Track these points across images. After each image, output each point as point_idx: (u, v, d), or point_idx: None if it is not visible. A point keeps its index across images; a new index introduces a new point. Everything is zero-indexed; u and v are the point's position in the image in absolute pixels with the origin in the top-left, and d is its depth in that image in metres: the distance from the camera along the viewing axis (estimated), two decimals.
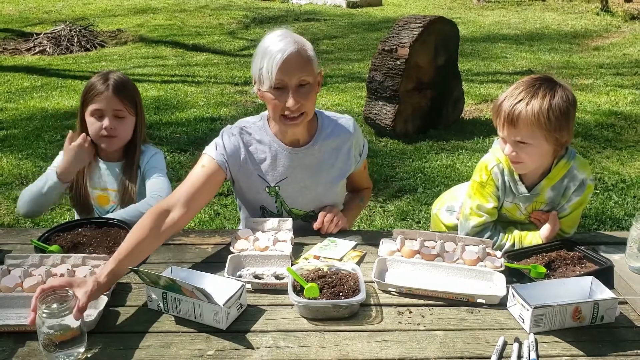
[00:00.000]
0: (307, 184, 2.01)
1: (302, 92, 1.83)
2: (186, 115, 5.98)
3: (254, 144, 1.98)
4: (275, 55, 1.77)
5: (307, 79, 1.82)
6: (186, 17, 11.95)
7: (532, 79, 1.80)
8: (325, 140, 2.01)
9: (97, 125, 2.12)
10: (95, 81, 2.14)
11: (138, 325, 1.47)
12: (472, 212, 1.90)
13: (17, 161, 4.75)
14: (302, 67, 1.81)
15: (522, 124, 1.74)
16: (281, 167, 1.98)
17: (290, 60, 1.78)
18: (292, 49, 1.78)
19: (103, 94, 2.10)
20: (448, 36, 5.44)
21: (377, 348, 1.39)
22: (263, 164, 1.98)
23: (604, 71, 7.77)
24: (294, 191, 2.00)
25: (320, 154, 2.01)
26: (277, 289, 1.62)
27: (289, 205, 2.03)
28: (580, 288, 1.54)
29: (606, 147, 5.10)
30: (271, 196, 2.01)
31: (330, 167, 2.03)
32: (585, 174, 1.86)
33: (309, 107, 1.87)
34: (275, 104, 1.83)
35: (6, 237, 1.95)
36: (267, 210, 2.05)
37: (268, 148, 1.98)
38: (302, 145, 1.99)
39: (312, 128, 2.01)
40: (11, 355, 1.36)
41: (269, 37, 1.85)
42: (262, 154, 1.98)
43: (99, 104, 2.11)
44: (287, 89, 1.81)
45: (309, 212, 2.06)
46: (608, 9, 12.26)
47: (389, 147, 5.14)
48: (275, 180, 1.98)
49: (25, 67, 8.25)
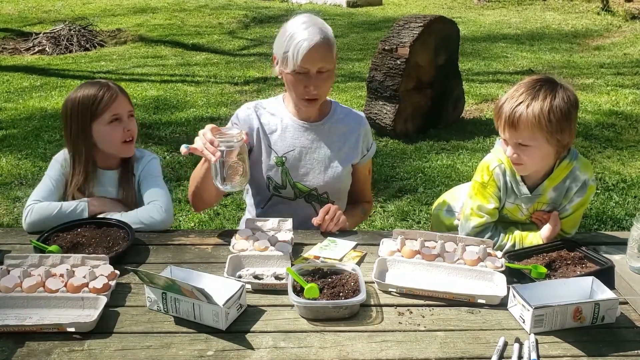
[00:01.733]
0: (313, 159, 2.10)
1: (322, 78, 1.97)
2: (186, 115, 5.98)
3: (266, 116, 2.12)
4: (302, 44, 1.90)
5: (327, 66, 1.96)
6: (186, 17, 11.95)
7: (533, 80, 1.79)
8: (336, 124, 2.14)
9: (119, 131, 2.06)
10: (96, 92, 2.05)
11: (138, 326, 1.47)
12: (473, 212, 1.90)
13: (16, 161, 4.75)
14: (325, 56, 1.95)
15: (523, 126, 1.73)
16: (290, 139, 2.09)
17: (315, 50, 1.91)
18: (318, 39, 1.92)
19: (117, 98, 2.06)
20: (448, 36, 5.44)
21: (377, 348, 1.39)
22: (273, 135, 2.10)
23: (604, 71, 7.77)
24: (299, 164, 2.09)
25: (329, 134, 2.12)
26: (277, 290, 1.61)
27: (294, 179, 2.10)
28: (581, 288, 1.54)
29: (607, 147, 5.10)
30: (277, 166, 2.09)
31: (338, 150, 2.12)
32: (588, 175, 1.85)
33: (326, 90, 2.03)
34: (296, 87, 1.98)
35: (5, 237, 1.95)
36: (272, 180, 2.10)
37: (279, 120, 2.11)
38: (313, 121, 2.11)
39: (324, 110, 2.14)
40: (11, 355, 1.35)
41: (295, 23, 1.98)
42: (274, 126, 2.11)
43: (115, 109, 2.05)
44: (308, 75, 1.95)
45: (312, 190, 2.11)
46: (609, 9, 12.25)
47: (389, 147, 5.14)
48: (283, 150, 2.08)
49: (25, 67, 8.25)
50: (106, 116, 2.05)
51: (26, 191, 4.11)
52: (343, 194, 2.19)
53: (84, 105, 2.05)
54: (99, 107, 2.04)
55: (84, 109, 2.04)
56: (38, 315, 1.48)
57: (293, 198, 2.11)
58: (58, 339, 1.40)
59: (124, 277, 1.66)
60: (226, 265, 1.68)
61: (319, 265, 1.67)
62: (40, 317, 1.47)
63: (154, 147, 4.99)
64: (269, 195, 2.12)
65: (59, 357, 1.35)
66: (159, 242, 1.90)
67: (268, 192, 2.11)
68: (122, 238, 1.85)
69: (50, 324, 1.42)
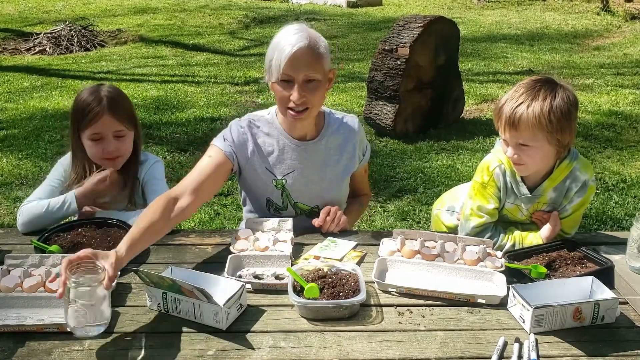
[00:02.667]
0: (313, 178, 2.03)
1: (309, 88, 1.85)
2: (186, 115, 5.98)
3: (262, 137, 2.01)
4: (285, 49, 1.80)
5: (314, 75, 1.85)
6: (186, 17, 11.95)
7: (533, 80, 1.80)
8: (332, 137, 2.05)
9: (99, 149, 2.02)
10: (87, 101, 2.00)
11: (138, 325, 1.47)
12: (473, 212, 1.90)
13: (17, 161, 4.74)
14: (311, 63, 1.83)
15: (523, 127, 1.73)
16: (288, 160, 2.01)
17: (299, 55, 1.80)
18: (303, 44, 1.81)
19: (100, 117, 1.98)
20: (448, 36, 5.44)
21: (377, 348, 1.39)
22: (270, 157, 2.01)
23: (604, 71, 7.77)
24: (300, 185, 2.02)
25: (327, 149, 2.05)
26: (277, 289, 1.62)
27: (294, 199, 2.04)
28: (581, 288, 1.54)
29: (607, 147, 5.09)
30: (277, 189, 2.02)
31: (336, 164, 2.06)
32: (588, 175, 1.85)
33: (315, 102, 1.89)
34: (282, 96, 1.87)
35: (6, 237, 1.95)
36: (272, 202, 2.05)
37: (276, 141, 2.01)
38: (309, 139, 2.03)
39: (319, 124, 2.05)
40: (11, 355, 1.35)
41: (284, 30, 1.88)
42: (270, 147, 2.01)
43: (96, 129, 1.99)
44: (293, 83, 1.84)
45: (314, 207, 2.07)
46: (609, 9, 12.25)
47: (389, 147, 5.14)
48: (282, 173, 2.01)
49: (25, 67, 8.24)
50: (88, 132, 2.02)
51: (27, 191, 4.11)
52: (344, 200, 2.18)
53: (77, 112, 2.04)
54: (81, 119, 2.01)
55: (76, 115, 2.04)
56: (38, 315, 1.49)
57: (294, 216, 2.07)
58: (58, 339, 1.40)
59: (124, 277, 1.67)
60: (226, 265, 1.68)
61: (319, 265, 1.67)
62: (41, 317, 1.47)
63: (155, 147, 4.99)
64: (269, 215, 2.07)
65: (59, 357, 1.35)
66: (159, 242, 1.90)
67: (268, 212, 2.07)
68: (122, 238, 1.84)
69: (50, 324, 1.42)
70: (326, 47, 1.90)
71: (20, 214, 1.99)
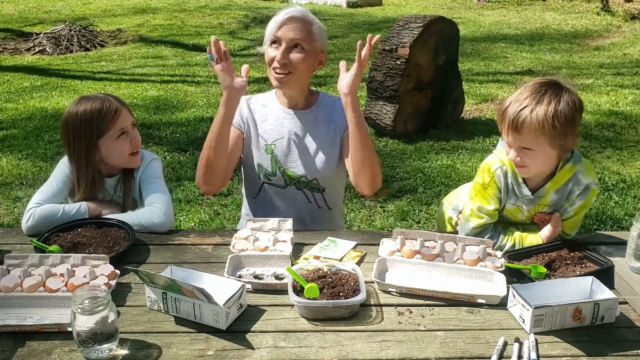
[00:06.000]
0: (300, 146, 2.13)
1: (294, 52, 1.99)
2: (186, 115, 5.98)
3: (258, 107, 2.18)
4: (279, 15, 1.99)
5: (302, 43, 1.98)
6: (186, 17, 11.95)
7: (538, 83, 1.77)
8: (323, 111, 2.15)
9: (126, 144, 2.04)
10: (96, 107, 2.00)
11: (138, 325, 1.47)
12: (473, 213, 1.90)
13: (16, 161, 4.74)
14: (299, 31, 1.98)
15: (526, 131, 1.72)
16: (278, 127, 2.14)
17: (290, 22, 1.98)
18: (296, 14, 1.99)
19: (120, 113, 2.03)
20: (448, 36, 5.44)
21: (377, 348, 1.39)
22: (263, 124, 2.15)
23: (604, 71, 7.77)
24: (288, 151, 2.13)
25: (317, 122, 2.14)
26: (277, 289, 1.62)
27: (283, 166, 2.13)
28: (581, 288, 1.54)
29: (606, 147, 5.10)
30: (267, 154, 2.14)
31: (325, 135, 2.13)
32: (590, 179, 1.84)
33: (298, 68, 2.00)
34: (269, 58, 2.01)
35: (6, 237, 1.95)
36: (262, 167, 2.15)
37: (270, 110, 2.16)
38: (301, 109, 2.15)
39: (312, 99, 2.17)
40: (11, 355, 1.35)
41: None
42: (263, 115, 2.16)
43: (121, 123, 2.03)
44: (281, 44, 1.98)
45: (301, 176, 2.13)
46: (608, 9, 12.26)
47: (389, 147, 5.14)
48: (272, 138, 2.13)
49: (25, 67, 8.25)
50: (113, 132, 2.02)
51: (26, 191, 4.12)
52: (334, 181, 2.19)
53: (87, 122, 1.99)
54: (103, 123, 2.00)
55: (87, 126, 1.99)
56: (38, 315, 1.49)
57: (284, 186, 2.15)
58: (58, 339, 1.40)
59: (124, 277, 1.67)
60: (226, 265, 1.68)
61: (319, 265, 1.67)
62: (41, 317, 1.48)
63: (155, 147, 4.99)
64: (260, 184, 2.16)
65: (59, 357, 1.35)
66: (159, 242, 1.90)
67: (259, 180, 2.16)
68: (122, 238, 1.85)
69: (50, 324, 1.43)
70: (321, 28, 2.04)
71: (30, 216, 1.94)
